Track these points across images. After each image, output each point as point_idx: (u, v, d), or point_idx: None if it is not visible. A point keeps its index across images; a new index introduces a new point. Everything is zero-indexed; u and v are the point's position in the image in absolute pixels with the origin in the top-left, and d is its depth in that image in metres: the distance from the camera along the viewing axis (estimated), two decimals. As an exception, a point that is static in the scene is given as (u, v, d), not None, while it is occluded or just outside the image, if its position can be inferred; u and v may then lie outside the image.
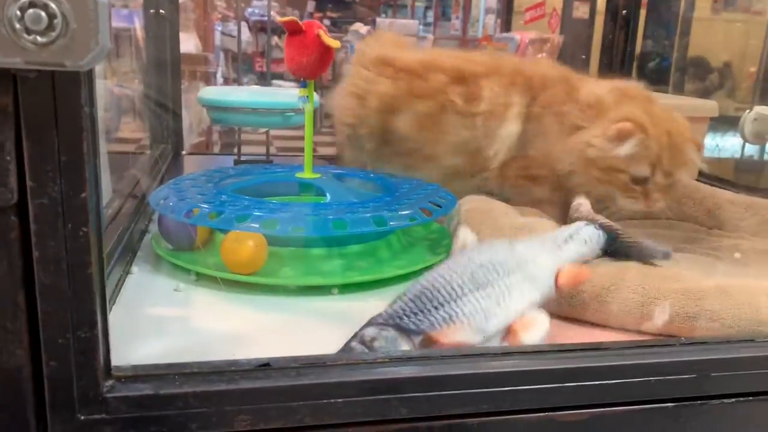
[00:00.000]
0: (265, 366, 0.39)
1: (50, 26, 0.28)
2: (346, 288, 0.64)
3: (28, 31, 0.28)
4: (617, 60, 1.25)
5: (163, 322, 0.55)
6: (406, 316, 0.45)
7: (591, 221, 0.59)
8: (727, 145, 1.58)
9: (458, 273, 0.48)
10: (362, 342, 0.43)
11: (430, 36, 5.89)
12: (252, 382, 0.38)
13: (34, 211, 0.33)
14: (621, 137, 0.68)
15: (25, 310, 0.34)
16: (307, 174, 0.76)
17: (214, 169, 0.81)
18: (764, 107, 1.21)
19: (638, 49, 1.33)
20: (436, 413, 0.40)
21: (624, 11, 1.22)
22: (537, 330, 0.47)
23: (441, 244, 0.74)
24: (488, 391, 0.41)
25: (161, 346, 0.50)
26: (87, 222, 0.33)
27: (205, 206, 0.64)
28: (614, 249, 0.58)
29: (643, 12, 1.35)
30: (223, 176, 0.77)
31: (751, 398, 0.45)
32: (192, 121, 2.87)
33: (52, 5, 0.28)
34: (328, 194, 0.71)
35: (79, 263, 0.34)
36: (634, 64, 1.24)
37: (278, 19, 0.72)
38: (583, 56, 3.65)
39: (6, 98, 0.31)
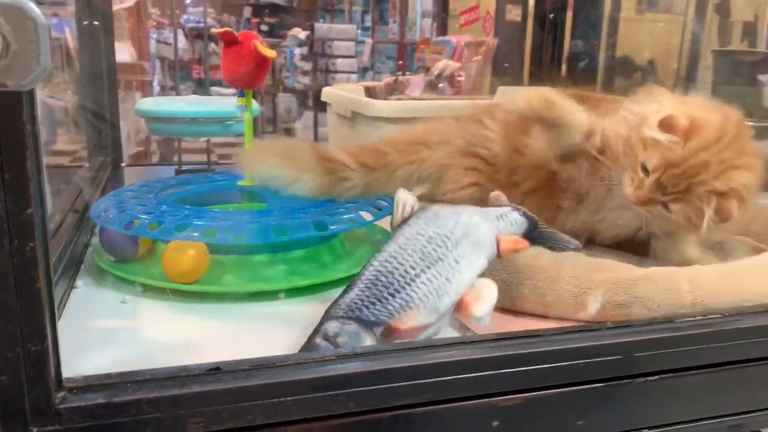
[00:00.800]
0: (215, 369, 0.40)
1: (-9, 48, 0.29)
2: (292, 292, 0.65)
3: (-32, 53, 0.29)
4: (546, 61, 1.30)
5: (111, 334, 0.56)
6: (365, 306, 0.47)
7: (516, 208, 0.61)
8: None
9: (409, 252, 0.49)
10: (326, 338, 0.45)
11: (369, 40, 5.93)
12: (203, 385, 0.39)
13: (-21, 229, 0.33)
14: (665, 126, 0.61)
15: (-26, 326, 0.35)
16: (247, 182, 0.77)
17: (155, 180, 0.81)
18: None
19: (567, 50, 1.38)
20: (382, 405, 0.42)
21: (551, 15, 1.26)
22: (487, 300, 0.49)
23: (382, 245, 0.76)
24: (432, 381, 0.43)
25: (110, 357, 0.50)
26: (33, 237, 0.34)
27: (145, 217, 0.64)
28: (534, 236, 0.61)
29: (570, 14, 1.41)
30: (164, 186, 0.77)
31: (672, 375, 0.49)
32: (129, 131, 2.82)
33: (-7, 27, 0.29)
34: (268, 201, 0.73)
35: (26, 278, 0.34)
36: (563, 66, 1.29)
37: (214, 30, 0.73)
38: (516, 58, 3.75)
39: (-53, 118, 0.32)
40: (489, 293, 0.49)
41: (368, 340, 0.45)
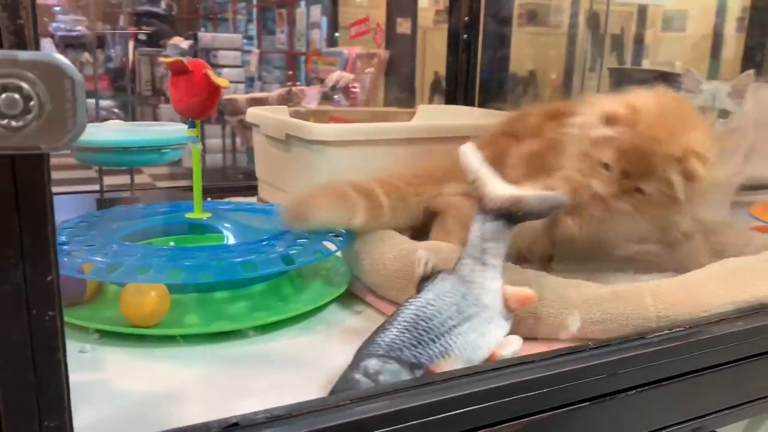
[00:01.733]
0: (233, 426, 0.39)
1: (25, 109, 0.27)
2: (260, 328, 0.64)
3: (2, 116, 0.27)
4: (462, 81, 1.34)
5: (78, 389, 0.52)
6: (406, 348, 0.48)
7: (484, 212, 0.58)
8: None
9: (447, 303, 0.51)
10: (366, 374, 0.45)
11: (256, 50, 5.84)
12: (223, 444, 0.38)
13: (-5, 300, 0.30)
14: (608, 121, 0.63)
15: (-16, 405, 0.32)
16: (197, 214, 0.74)
17: (89, 214, 0.76)
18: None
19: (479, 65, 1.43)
20: (401, 447, 0.42)
21: (465, 35, 1.31)
22: (512, 347, 0.52)
23: (338, 274, 0.76)
24: (438, 419, 0.44)
25: (89, 417, 0.47)
26: (54, 306, 0.31)
27: (100, 259, 0.61)
28: (519, 219, 0.58)
29: (481, 29, 1.44)
30: (106, 221, 0.73)
31: (648, 387, 0.53)
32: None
33: (26, 87, 0.27)
34: (227, 235, 0.71)
35: (46, 349, 0.32)
36: (477, 84, 1.34)
37: (163, 60, 0.70)
38: (408, 70, 3.83)
39: (-40, 184, 0.29)
40: (514, 343, 0.53)
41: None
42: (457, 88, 1.36)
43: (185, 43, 5.87)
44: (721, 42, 3.95)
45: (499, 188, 0.57)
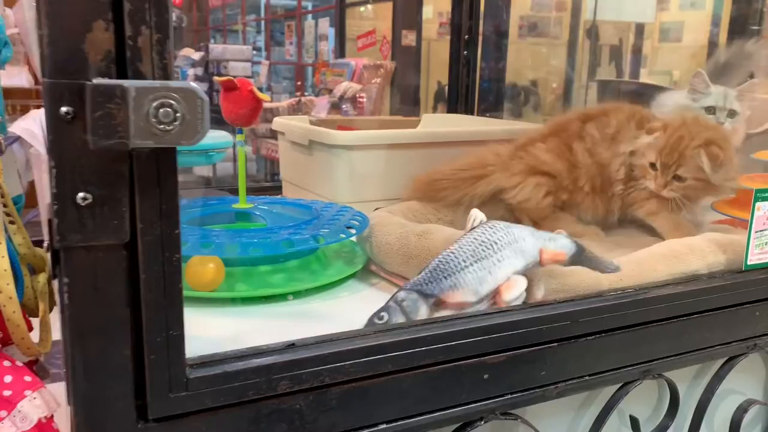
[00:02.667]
0: (292, 345, 0.54)
1: (174, 119, 0.42)
2: (294, 294, 0.78)
3: (160, 123, 0.42)
4: (462, 92, 1.49)
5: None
6: (426, 284, 0.64)
7: (567, 236, 0.74)
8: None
9: (464, 250, 0.66)
10: (396, 302, 0.62)
11: (265, 61, 6.01)
12: (285, 356, 0.53)
13: (143, 245, 0.45)
14: (648, 131, 0.93)
15: (131, 319, 0.47)
16: (242, 204, 0.90)
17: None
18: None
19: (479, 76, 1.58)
20: (414, 365, 0.57)
21: (465, 51, 1.46)
22: (516, 289, 0.66)
23: (356, 255, 0.91)
24: (443, 346, 0.59)
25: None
26: (179, 250, 0.47)
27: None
28: (579, 260, 0.73)
29: (480, 41, 1.59)
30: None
31: (603, 335, 0.67)
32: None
33: (176, 104, 0.42)
34: (267, 220, 0.86)
35: (172, 281, 0.47)
36: (477, 95, 1.49)
37: (216, 79, 0.86)
38: (413, 81, 3.98)
39: (124, 167, 0.44)
40: (519, 284, 0.67)
41: (423, 307, 0.63)
42: (458, 99, 1.52)
43: (196, 54, 6.05)
44: (716, 50, 4.10)
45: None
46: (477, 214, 0.72)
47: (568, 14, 4.71)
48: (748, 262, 0.78)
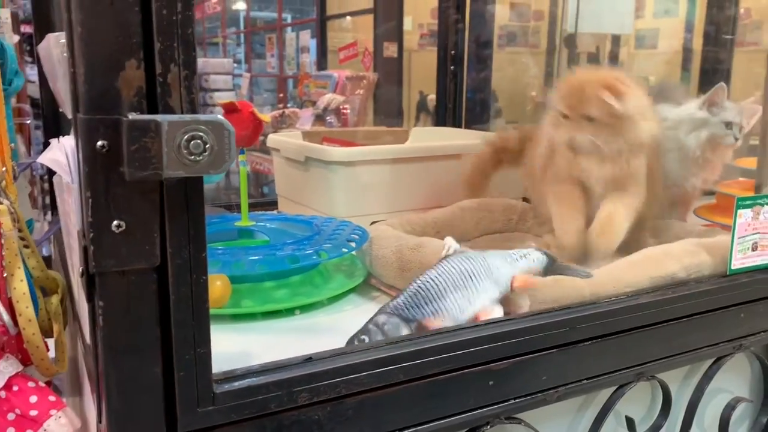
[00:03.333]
0: (309, 359, 0.57)
1: (204, 149, 0.45)
2: (298, 308, 0.81)
3: (191, 153, 0.45)
4: (450, 105, 1.53)
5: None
6: (407, 308, 0.66)
7: (538, 249, 0.79)
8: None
9: (444, 278, 0.69)
10: (376, 325, 0.64)
11: (246, 74, 6.03)
12: (304, 369, 0.56)
13: (173, 268, 0.48)
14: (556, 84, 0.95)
15: (160, 338, 0.49)
16: (244, 222, 0.92)
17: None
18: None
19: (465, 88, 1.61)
20: (424, 374, 0.60)
21: (452, 66, 1.50)
22: (492, 317, 0.70)
23: (357, 269, 0.94)
24: (452, 355, 0.62)
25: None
26: (206, 271, 0.49)
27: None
28: (552, 269, 0.78)
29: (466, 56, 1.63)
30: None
31: (601, 339, 0.71)
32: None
33: (205, 136, 0.45)
34: (270, 237, 0.89)
35: (199, 300, 0.50)
36: (464, 108, 1.53)
37: (218, 102, 0.88)
38: (395, 92, 4.02)
39: (155, 195, 0.47)
40: (495, 312, 0.71)
41: (405, 331, 0.65)
42: (446, 112, 1.56)
43: (177, 69, 6.05)
44: (690, 56, 4.19)
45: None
46: (450, 242, 0.76)
47: (546, 23, 4.79)
48: (732, 267, 0.82)
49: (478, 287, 0.70)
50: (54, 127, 1.29)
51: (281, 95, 5.71)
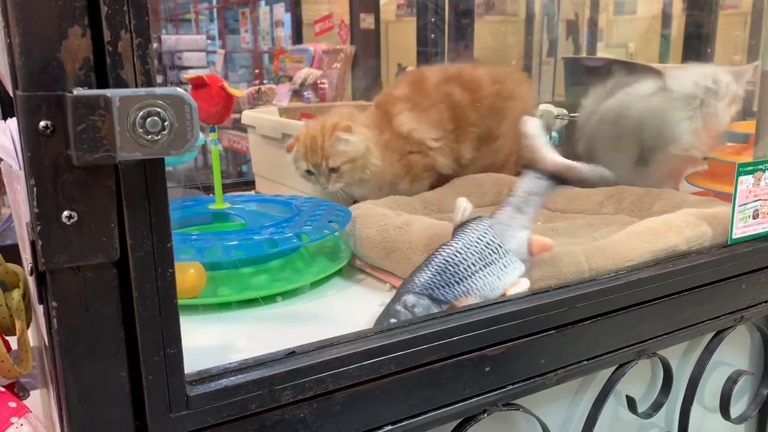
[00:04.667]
0: (291, 353, 0.52)
1: (162, 128, 0.40)
2: (281, 294, 0.76)
3: (147, 133, 0.39)
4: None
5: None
6: (436, 288, 0.62)
7: (539, 172, 0.72)
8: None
9: (471, 252, 0.64)
10: (405, 307, 0.60)
11: (220, 50, 5.89)
12: (286, 365, 0.51)
13: (134, 262, 0.43)
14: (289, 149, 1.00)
15: (125, 340, 0.44)
16: (218, 205, 0.87)
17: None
18: (547, 104, 1.51)
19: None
20: (416, 363, 0.56)
21: (432, 35, 1.44)
22: (520, 289, 0.66)
23: (340, 250, 0.89)
24: (442, 343, 0.58)
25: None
26: (172, 264, 0.44)
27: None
28: (567, 183, 0.73)
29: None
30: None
31: (600, 318, 0.67)
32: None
33: (163, 112, 0.40)
34: (246, 220, 0.83)
35: (167, 296, 0.45)
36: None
37: (184, 76, 0.82)
38: (374, 65, 3.95)
39: (110, 181, 0.41)
40: (523, 285, 0.67)
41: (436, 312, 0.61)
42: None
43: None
44: (670, 22, 4.15)
45: (556, 156, 0.72)
46: (464, 204, 0.70)
47: (524, -10, 4.71)
48: (733, 236, 0.78)
49: (506, 261, 0.66)
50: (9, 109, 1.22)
51: (257, 71, 5.59)
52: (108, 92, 0.38)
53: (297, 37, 4.83)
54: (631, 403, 0.76)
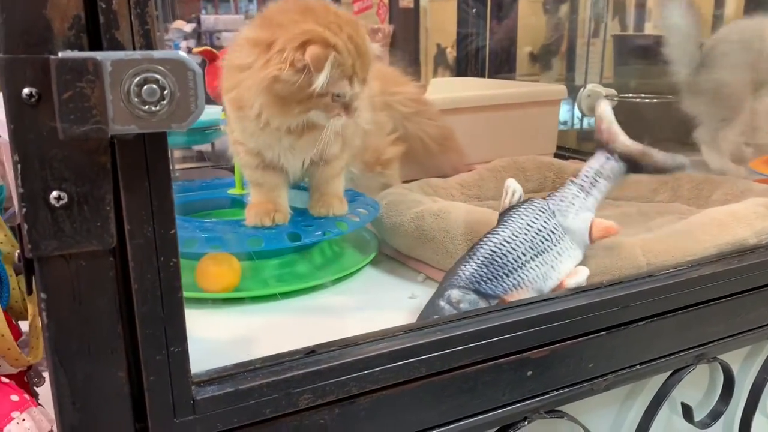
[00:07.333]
0: (311, 352, 0.47)
1: (161, 97, 0.34)
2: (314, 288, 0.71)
3: (144, 103, 0.34)
4: (472, 54, 1.41)
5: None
6: (484, 281, 0.57)
7: (611, 154, 0.66)
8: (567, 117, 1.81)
9: (521, 240, 0.58)
10: (449, 302, 0.55)
11: (258, 30, 5.85)
12: (306, 366, 0.46)
13: (132, 250, 0.38)
14: (317, 66, 0.61)
15: (123, 337, 0.40)
16: (238, 190, 0.82)
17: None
18: (595, 84, 1.43)
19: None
20: (449, 366, 0.50)
21: (474, 9, 1.37)
22: (579, 278, 0.60)
23: (368, 240, 0.83)
24: (480, 344, 0.52)
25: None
26: (176, 254, 0.39)
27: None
28: (639, 169, 0.66)
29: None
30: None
31: (656, 319, 0.60)
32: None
33: (162, 79, 0.34)
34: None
35: (170, 289, 0.40)
36: (487, 57, 1.41)
37: (194, 50, 0.77)
38: (413, 44, 3.86)
39: (105, 158, 0.36)
40: (582, 274, 0.60)
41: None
42: (468, 61, 1.43)
43: (188, 27, 5.89)
44: (723, 2, 3.96)
45: (629, 140, 0.66)
46: (514, 186, 0.64)
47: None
48: (807, 230, 0.70)
49: (560, 249, 0.60)
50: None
51: (295, 51, 5.54)
52: (98, 55, 0.33)
53: (335, 16, 4.77)
54: (687, 412, 0.69)
